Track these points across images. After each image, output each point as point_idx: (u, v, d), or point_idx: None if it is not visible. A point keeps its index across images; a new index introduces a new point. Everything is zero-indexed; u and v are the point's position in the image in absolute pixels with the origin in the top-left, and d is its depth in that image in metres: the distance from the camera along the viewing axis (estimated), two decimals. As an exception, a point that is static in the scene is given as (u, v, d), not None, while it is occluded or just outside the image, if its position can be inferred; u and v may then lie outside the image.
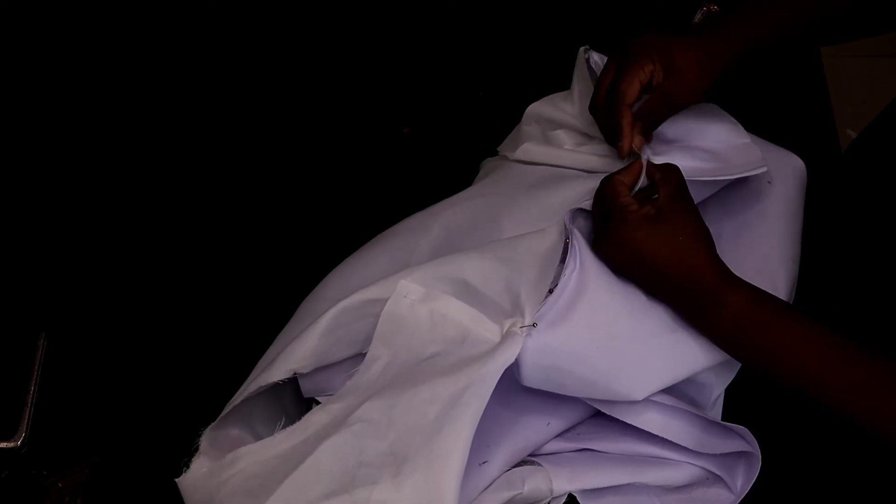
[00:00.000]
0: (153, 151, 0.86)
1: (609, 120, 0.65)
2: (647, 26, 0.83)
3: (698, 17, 0.93)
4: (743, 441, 0.59)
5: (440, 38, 0.94)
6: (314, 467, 0.55)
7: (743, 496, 0.61)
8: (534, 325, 0.56)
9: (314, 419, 0.59)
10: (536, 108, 0.77)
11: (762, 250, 0.68)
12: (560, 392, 0.60)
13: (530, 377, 0.58)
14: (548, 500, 0.59)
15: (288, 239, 0.82)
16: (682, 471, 0.62)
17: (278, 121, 0.89)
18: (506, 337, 0.57)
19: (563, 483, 0.59)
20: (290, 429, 0.59)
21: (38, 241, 0.80)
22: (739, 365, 0.65)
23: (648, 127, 0.65)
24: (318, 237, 0.82)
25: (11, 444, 0.68)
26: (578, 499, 0.60)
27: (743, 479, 0.61)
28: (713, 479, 0.62)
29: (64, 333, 0.74)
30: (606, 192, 0.60)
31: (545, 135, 0.75)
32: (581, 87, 0.73)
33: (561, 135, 0.74)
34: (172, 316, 0.77)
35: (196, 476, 0.59)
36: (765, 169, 0.66)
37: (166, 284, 0.79)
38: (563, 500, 0.60)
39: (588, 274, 0.59)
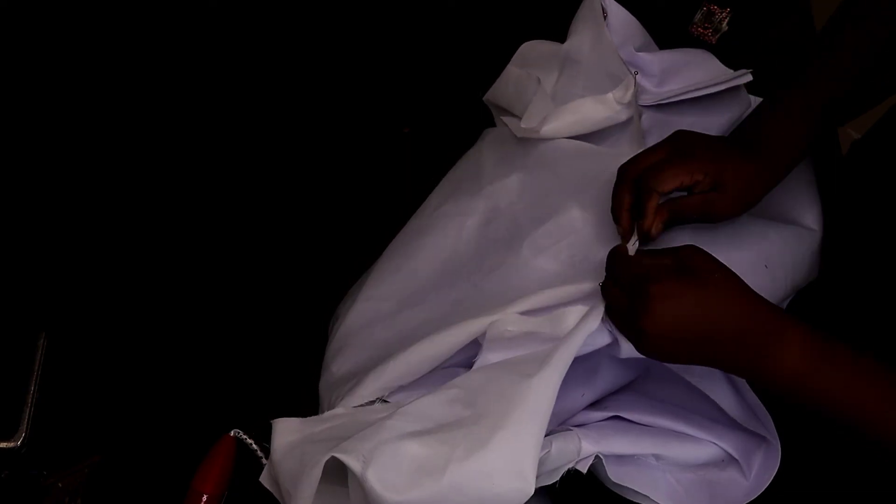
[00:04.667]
0: (153, 151, 0.86)
1: (626, 194, 0.64)
2: (647, 26, 0.83)
3: (698, 16, 0.93)
4: (764, 429, 0.61)
5: (440, 38, 0.94)
6: (403, 414, 0.57)
7: (762, 488, 0.61)
8: None
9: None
10: (529, 47, 0.81)
11: (787, 200, 0.72)
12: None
13: (630, 351, 0.59)
14: (575, 461, 0.60)
15: (288, 239, 0.82)
16: (702, 449, 0.63)
17: (278, 121, 0.89)
18: (593, 307, 0.59)
19: (591, 445, 0.60)
20: (390, 404, 0.62)
21: (38, 241, 0.80)
22: None
23: (672, 221, 0.64)
24: (318, 237, 0.82)
25: (11, 444, 0.68)
26: (603, 461, 0.61)
27: (759, 467, 0.62)
28: (728, 461, 0.64)
29: (64, 333, 0.74)
30: (618, 267, 0.58)
31: (530, 76, 0.78)
32: (591, 28, 0.77)
33: (533, 80, 0.76)
34: (173, 316, 0.77)
35: (292, 421, 0.62)
36: (749, 78, 0.71)
37: (166, 284, 0.79)
38: (590, 463, 0.60)
39: None
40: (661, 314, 0.53)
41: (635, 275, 0.56)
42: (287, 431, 0.62)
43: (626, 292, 0.56)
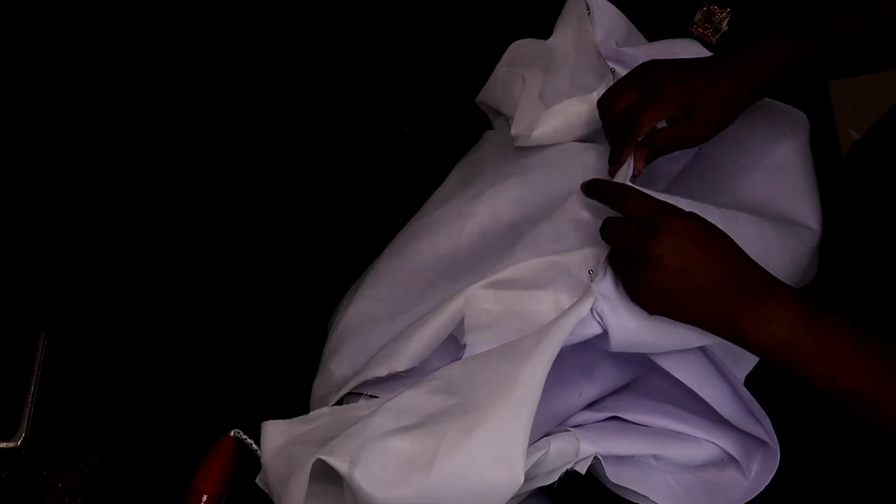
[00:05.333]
0: (153, 151, 0.86)
1: (617, 137, 0.65)
2: (647, 26, 0.83)
3: (698, 16, 0.93)
4: (763, 431, 0.60)
5: (440, 38, 0.94)
6: (387, 410, 0.57)
7: (760, 489, 0.61)
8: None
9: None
10: (518, 46, 0.81)
11: (787, 198, 0.72)
12: (645, 350, 0.61)
13: (619, 343, 0.59)
14: (573, 462, 0.60)
15: (288, 239, 0.82)
16: (701, 449, 0.63)
17: (278, 121, 0.89)
18: (583, 295, 0.59)
19: (589, 445, 0.60)
20: (373, 401, 0.62)
21: (38, 241, 0.80)
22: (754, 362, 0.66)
23: (653, 155, 0.65)
24: (318, 237, 0.82)
25: (11, 444, 0.68)
26: (602, 462, 0.61)
27: (758, 467, 0.62)
28: (728, 460, 0.64)
29: (64, 333, 0.74)
30: (632, 201, 0.58)
31: (516, 75, 0.78)
32: (575, 23, 0.77)
33: (524, 79, 0.76)
34: (172, 316, 0.77)
35: (279, 424, 0.63)
36: None
37: (166, 284, 0.79)
38: (589, 463, 0.60)
39: None
40: (671, 240, 0.54)
41: (652, 208, 0.56)
42: (275, 434, 0.62)
43: (637, 224, 0.56)
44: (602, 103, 0.67)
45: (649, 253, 0.54)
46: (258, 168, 0.86)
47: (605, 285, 0.58)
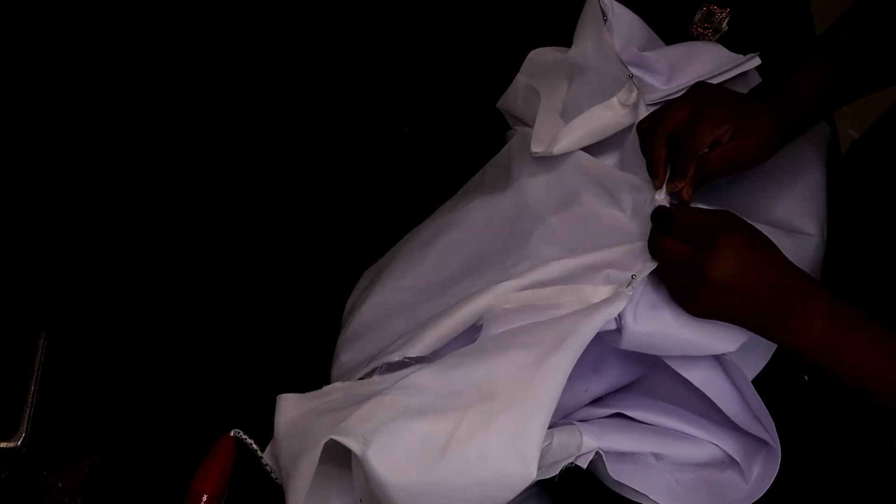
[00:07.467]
0: (153, 151, 0.86)
1: (662, 149, 0.65)
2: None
3: (698, 16, 0.93)
4: (766, 433, 0.61)
5: (440, 38, 0.94)
6: (401, 388, 0.57)
7: (761, 493, 0.61)
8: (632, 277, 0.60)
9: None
10: (537, 55, 0.81)
11: (802, 204, 0.73)
12: (655, 353, 0.62)
13: (631, 342, 0.60)
14: (575, 455, 0.60)
15: (288, 239, 0.82)
16: (703, 449, 0.64)
17: (278, 121, 0.89)
18: (614, 295, 0.60)
19: (592, 439, 0.60)
20: (389, 374, 0.62)
21: (38, 241, 0.80)
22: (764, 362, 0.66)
23: (700, 180, 0.65)
24: (319, 237, 0.82)
25: (11, 444, 0.68)
26: (604, 458, 0.61)
27: (759, 470, 0.62)
28: (728, 462, 0.64)
29: (64, 333, 0.74)
30: (684, 217, 0.59)
31: (534, 90, 0.78)
32: (593, 32, 0.77)
33: (543, 91, 0.77)
34: (172, 316, 0.77)
35: (293, 398, 0.63)
36: (758, 62, 0.71)
37: (166, 285, 0.79)
38: (590, 458, 0.60)
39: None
40: (725, 262, 0.55)
41: (707, 224, 0.58)
42: (289, 408, 0.62)
43: (690, 242, 0.58)
44: (651, 121, 0.66)
45: (705, 274, 0.56)
46: (259, 168, 0.86)
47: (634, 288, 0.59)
